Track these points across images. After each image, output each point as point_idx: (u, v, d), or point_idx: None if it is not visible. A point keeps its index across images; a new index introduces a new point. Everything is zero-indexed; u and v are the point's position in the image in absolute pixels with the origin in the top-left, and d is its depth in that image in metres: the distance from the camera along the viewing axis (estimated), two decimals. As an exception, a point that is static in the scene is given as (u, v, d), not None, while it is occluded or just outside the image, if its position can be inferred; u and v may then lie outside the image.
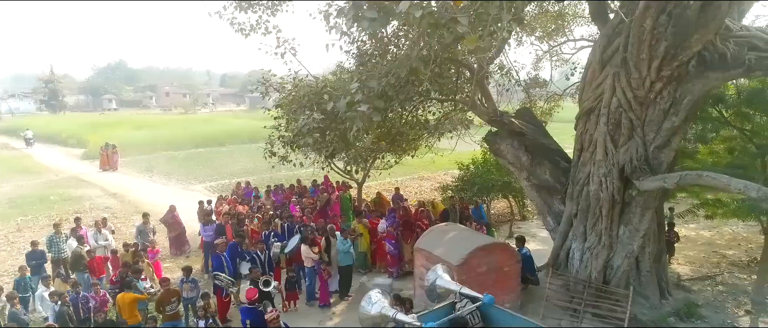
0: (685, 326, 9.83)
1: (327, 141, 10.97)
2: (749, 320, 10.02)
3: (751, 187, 7.32)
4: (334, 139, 11.05)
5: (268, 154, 13.88)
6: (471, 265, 9.84)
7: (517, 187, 17.00)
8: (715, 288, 11.42)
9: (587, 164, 10.15)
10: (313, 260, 12.36)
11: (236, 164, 32.79)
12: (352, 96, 7.02)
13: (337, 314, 11.99)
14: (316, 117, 10.17)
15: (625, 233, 10.11)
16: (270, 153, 13.87)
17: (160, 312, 10.09)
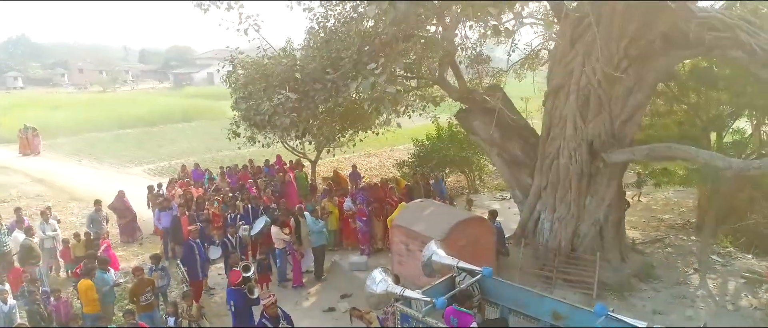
0: (646, 286, 10.66)
1: (301, 120, 10.75)
2: (698, 277, 11.02)
3: (717, 157, 8.02)
4: (306, 118, 10.85)
5: (232, 135, 13.39)
6: (452, 239, 10.09)
7: (474, 161, 17.54)
8: (665, 250, 12.44)
9: (557, 138, 10.62)
10: (284, 241, 12.22)
11: (173, 145, 31.36)
12: (376, 77, 6.88)
13: (313, 295, 11.96)
14: (292, 97, 9.93)
15: (591, 203, 10.74)
16: (234, 133, 13.39)
17: (135, 303, 9.63)
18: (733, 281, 10.86)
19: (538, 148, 11.31)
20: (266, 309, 7.91)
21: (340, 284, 12.20)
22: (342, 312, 11.11)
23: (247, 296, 9.04)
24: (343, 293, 11.75)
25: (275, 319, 7.96)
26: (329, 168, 24.09)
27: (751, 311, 9.85)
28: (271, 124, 10.47)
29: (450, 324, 6.67)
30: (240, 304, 9.06)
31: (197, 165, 19.35)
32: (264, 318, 7.90)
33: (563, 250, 10.91)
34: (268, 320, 7.89)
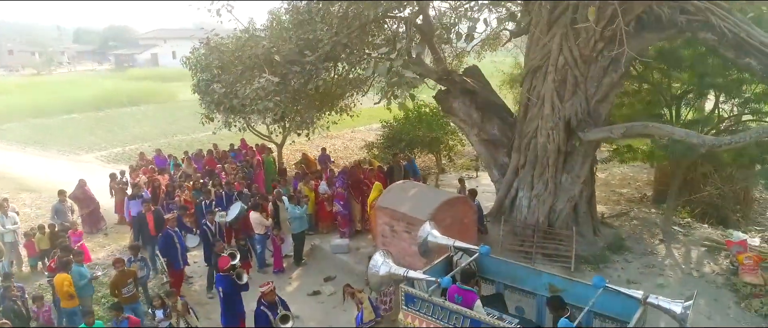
0: (618, 257, 11.23)
1: (282, 103, 10.57)
2: (664, 247, 11.70)
3: (692, 134, 8.50)
4: (288, 101, 10.67)
5: (206, 120, 12.99)
6: (438, 219, 10.21)
7: (444, 141, 17.78)
8: (631, 223, 13.11)
9: (535, 118, 10.93)
10: (264, 226, 12.08)
11: (124, 131, 30.07)
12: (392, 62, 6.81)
13: (295, 279, 11.91)
14: (274, 80, 9.74)
15: (567, 180, 11.16)
16: (207, 118, 13.00)
17: (116, 296, 9.32)
18: (695, 250, 11.59)
19: (516, 127, 11.60)
20: (265, 296, 7.84)
21: (322, 267, 12.20)
22: (327, 295, 11.15)
23: (235, 282, 8.92)
24: (326, 275, 11.79)
25: (273, 306, 7.91)
26: (293, 151, 23.87)
27: (714, 276, 10.57)
28: (252, 109, 10.23)
29: (454, 302, 6.83)
30: (228, 290, 8.93)
31: (159, 151, 18.67)
32: (263, 305, 7.84)
33: (541, 226, 11.32)
34: (266, 307, 7.83)
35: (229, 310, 9.03)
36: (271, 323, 7.81)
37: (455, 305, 6.60)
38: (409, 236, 10.62)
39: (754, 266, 10.36)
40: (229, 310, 9.03)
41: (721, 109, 11.98)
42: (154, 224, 11.22)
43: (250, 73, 10.72)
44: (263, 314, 7.79)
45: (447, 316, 6.61)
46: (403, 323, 7.08)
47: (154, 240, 11.16)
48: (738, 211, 14.51)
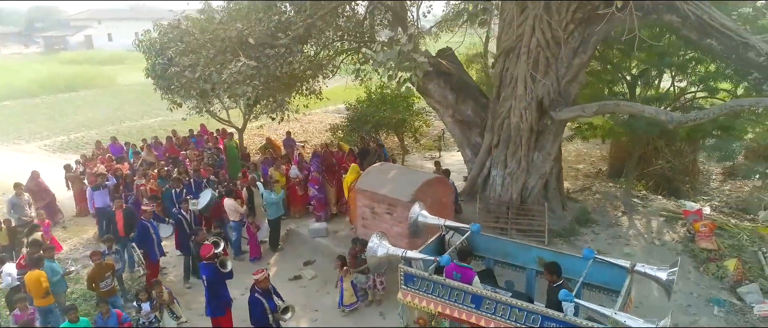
0: (586, 230, 11.81)
1: (258, 87, 10.34)
2: (627, 219, 12.40)
3: (660, 111, 9.01)
4: (265, 85, 10.46)
5: (174, 106, 12.54)
6: (418, 199, 10.40)
7: (411, 123, 17.93)
8: (594, 197, 13.78)
9: (509, 98, 11.22)
10: (239, 213, 11.89)
11: (66, 118, 28.47)
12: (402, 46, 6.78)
13: (273, 265, 11.82)
14: (251, 64, 9.54)
15: (538, 158, 11.58)
16: (175, 104, 12.54)
17: (94, 289, 8.99)
18: (655, 220, 12.34)
19: (489, 108, 11.88)
20: (259, 284, 7.77)
21: (300, 251, 12.16)
22: (309, 279, 11.16)
23: (219, 270, 8.77)
24: (305, 260, 11.77)
25: (268, 293, 7.86)
26: (252, 136, 23.43)
27: (674, 244, 11.33)
28: (231, 93, 9.95)
29: (453, 279, 7.03)
30: (212, 278, 8.77)
31: (114, 139, 17.84)
32: (257, 293, 7.77)
33: (514, 203, 11.72)
34: (261, 294, 7.77)
35: (214, 298, 8.87)
36: (266, 310, 7.77)
37: (456, 282, 6.80)
38: (391, 218, 10.77)
39: (709, 233, 11.17)
40: (214, 298, 8.87)
41: (676, 87, 12.70)
42: (124, 223, 10.76)
43: (222, 57, 10.41)
44: (258, 302, 7.74)
45: (448, 293, 6.80)
46: (403, 302, 7.23)
47: (123, 238, 10.75)
48: (687, 182, 15.53)
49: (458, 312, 6.75)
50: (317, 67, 13.31)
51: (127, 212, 10.90)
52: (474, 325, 6.70)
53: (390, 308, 9.87)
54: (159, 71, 16.83)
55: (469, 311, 6.66)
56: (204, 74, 10.20)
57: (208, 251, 8.87)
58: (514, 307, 6.31)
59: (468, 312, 6.68)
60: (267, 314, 7.76)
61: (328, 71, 12.97)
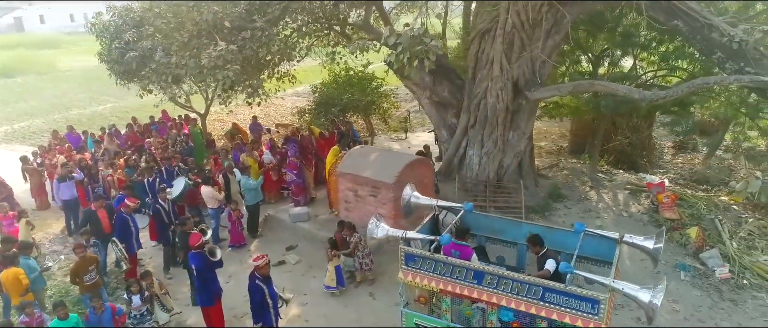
0: (559, 205, 12.32)
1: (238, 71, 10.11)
2: (595, 193, 13.00)
3: (634, 90, 9.48)
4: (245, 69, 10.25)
5: (145, 92, 12.07)
6: (402, 181, 10.53)
7: (380, 105, 17.99)
8: (562, 173, 14.35)
9: (485, 79, 11.47)
10: (218, 200, 11.70)
11: (7, 106, 26.81)
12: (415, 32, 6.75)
13: (255, 251, 11.70)
14: (233, 48, 9.33)
15: (514, 137, 11.95)
16: (146, 91, 12.08)
17: (78, 283, 8.69)
18: (620, 193, 13.02)
19: (465, 89, 12.10)
20: (259, 270, 7.73)
21: (280, 237, 12.11)
22: (293, 264, 11.15)
23: (208, 259, 8.65)
24: (288, 245, 11.73)
25: (268, 279, 7.84)
26: (212, 122, 22.85)
27: (640, 215, 12.02)
28: (211, 78, 9.67)
29: (451, 256, 7.23)
30: (201, 267, 8.65)
31: (71, 128, 17.00)
32: (257, 279, 7.74)
33: (491, 181, 12.07)
34: (261, 281, 7.74)
35: (204, 288, 8.76)
36: (267, 296, 7.75)
37: (457, 259, 7.01)
38: (375, 200, 10.88)
39: (671, 204, 11.91)
40: (204, 288, 8.76)
41: (638, 66, 13.34)
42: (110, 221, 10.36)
43: (197, 41, 10.10)
44: (259, 288, 7.71)
45: (450, 270, 6.99)
46: (404, 281, 7.38)
47: (108, 235, 10.37)
48: (644, 156, 16.39)
49: (460, 288, 6.96)
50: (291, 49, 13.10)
51: (109, 208, 10.49)
52: (476, 299, 6.96)
53: (379, 289, 10.06)
54: (116, 55, 16.17)
55: (471, 287, 6.88)
56: (179, 59, 9.87)
57: (197, 240, 8.73)
58: (516, 280, 6.57)
59: (470, 288, 6.90)
60: (268, 300, 7.75)
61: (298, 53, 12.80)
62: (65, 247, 12.09)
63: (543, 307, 6.48)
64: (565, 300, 6.32)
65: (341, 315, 9.43)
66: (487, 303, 6.87)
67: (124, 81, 17.50)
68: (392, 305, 9.64)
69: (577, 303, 6.26)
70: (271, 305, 7.82)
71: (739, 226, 11.73)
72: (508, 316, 6.86)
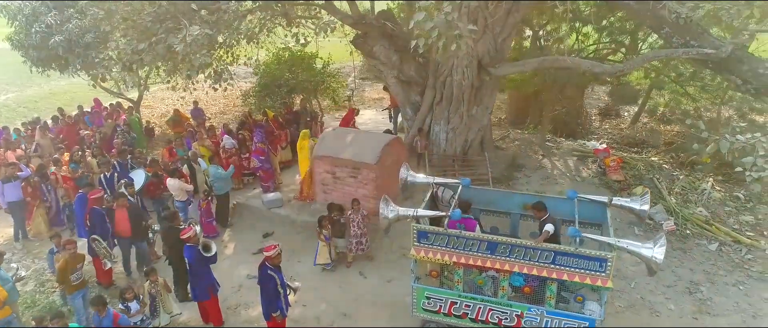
0: (519, 174, 13.09)
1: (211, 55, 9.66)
2: (548, 161, 13.94)
3: (595, 64, 10.27)
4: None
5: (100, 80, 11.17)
6: (383, 162, 10.79)
7: (330, 84, 17.84)
8: (514, 143, 15.18)
9: (451, 57, 11.82)
10: (186, 191, 11.26)
11: None
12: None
13: (230, 241, 11.46)
14: (208, 33, 8.92)
15: (477, 112, 12.49)
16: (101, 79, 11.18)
17: (64, 283, 8.15)
18: (570, 160, 14.05)
19: (430, 67, 12.40)
20: (271, 260, 7.64)
21: (254, 225, 11.90)
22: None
23: (201, 253, 8.41)
24: (264, 232, 11.57)
25: (279, 269, 7.77)
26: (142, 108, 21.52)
27: (591, 179, 13.08)
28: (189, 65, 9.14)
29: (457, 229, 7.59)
30: (194, 261, 8.40)
31: (-9, 122, 15.35)
32: (268, 269, 7.65)
33: (458, 155, 12.57)
34: (272, 270, 7.67)
35: (197, 282, 8.53)
36: (278, 286, 7.71)
37: (471, 232, 7.39)
38: (355, 180, 11.00)
39: (617, 167, 13.07)
40: (197, 282, 8.53)
41: (580, 40, 14.33)
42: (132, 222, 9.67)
43: (163, 25, 9.50)
44: (271, 277, 7.63)
45: (463, 243, 7.36)
46: (416, 257, 7.66)
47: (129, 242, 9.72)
48: (579, 124, 17.69)
49: (473, 259, 7.38)
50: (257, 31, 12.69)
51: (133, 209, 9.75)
52: (489, 268, 7.40)
53: (367, 268, 10.27)
54: (36, 40, 14.84)
55: (485, 257, 7.32)
56: (147, 45, 9.25)
57: (188, 232, 8.44)
58: (529, 247, 7.08)
59: (483, 258, 7.33)
60: (279, 289, 7.71)
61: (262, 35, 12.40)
62: (14, 254, 11.12)
63: (554, 269, 7.06)
64: (575, 261, 6.93)
65: (338, 295, 9.57)
66: (499, 271, 7.34)
67: (44, 68, 16.08)
68: (384, 283, 9.94)
69: (587, 263, 6.88)
70: (282, 293, 7.79)
71: (673, 183, 13.16)
72: (519, 281, 7.38)
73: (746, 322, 8.78)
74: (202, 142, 13.28)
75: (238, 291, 9.82)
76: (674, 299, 9.35)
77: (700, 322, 8.81)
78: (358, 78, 25.95)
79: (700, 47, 9.67)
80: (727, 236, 11.12)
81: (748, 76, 9.41)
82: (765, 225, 11.73)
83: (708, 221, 11.57)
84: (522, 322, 7.55)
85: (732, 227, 11.54)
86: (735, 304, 9.21)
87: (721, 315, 8.94)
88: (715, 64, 9.76)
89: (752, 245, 10.78)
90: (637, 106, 18.98)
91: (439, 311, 7.93)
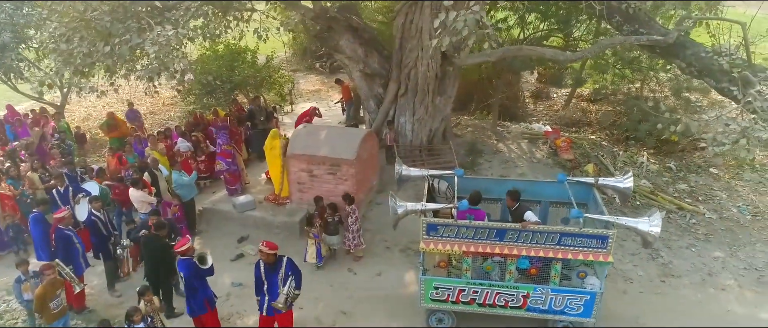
0: (481, 160, 13.58)
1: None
2: (503, 146, 14.57)
3: (558, 52, 10.88)
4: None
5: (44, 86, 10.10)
6: (360, 156, 10.78)
7: (277, 80, 17.34)
8: (467, 130, 15.68)
9: (415, 49, 11.97)
10: (149, 203, 10.55)
11: None
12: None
13: (203, 248, 10.89)
14: (183, 31, 8.41)
15: (441, 102, 12.78)
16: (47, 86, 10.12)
17: (44, 312, 7.44)
18: (523, 142, 14.78)
19: (393, 59, 12.47)
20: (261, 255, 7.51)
21: (226, 230, 11.44)
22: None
23: (197, 267, 8.03)
24: (238, 237, 11.17)
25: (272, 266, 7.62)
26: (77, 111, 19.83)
27: (545, 160, 13.86)
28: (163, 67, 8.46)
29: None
30: (189, 274, 7.99)
31: None
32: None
33: (424, 145, 12.82)
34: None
35: (193, 296, 8.12)
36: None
37: (481, 221, 7.66)
38: (334, 177, 10.91)
39: (567, 147, 13.95)
40: (193, 296, 8.12)
41: (525, 30, 15.04)
42: None
43: (122, 25, 8.75)
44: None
45: (473, 233, 7.61)
46: (425, 250, 7.81)
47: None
48: (518, 108, 18.60)
49: (482, 247, 7.66)
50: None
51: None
52: (497, 255, 7.73)
53: (357, 264, 10.28)
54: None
55: (493, 244, 7.62)
56: (113, 48, 8.50)
57: (184, 244, 8.01)
58: (536, 231, 7.47)
59: (492, 245, 7.63)
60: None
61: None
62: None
63: (559, 250, 7.51)
64: (579, 241, 7.42)
65: (332, 294, 9.52)
66: (506, 256, 7.68)
67: None
68: (374, 277, 10.01)
69: (590, 241, 7.40)
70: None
71: (615, 159, 14.31)
72: (525, 264, 7.77)
73: (705, 280, 9.86)
74: (155, 147, 12.49)
75: (228, 300, 9.48)
76: (641, 265, 10.26)
77: (668, 284, 9.77)
78: (288, 71, 25.44)
79: (649, 35, 10.54)
80: (672, 203, 12.33)
81: (691, 60, 10.42)
82: (698, 192, 13.15)
83: (653, 191, 12.74)
84: (528, 302, 7.97)
85: (672, 195, 12.81)
86: (692, 265, 10.29)
87: (683, 276, 9.96)
88: (662, 49, 10.70)
89: (694, 211, 12.05)
90: (565, 89, 20.36)
91: (447, 300, 8.15)
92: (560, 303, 7.89)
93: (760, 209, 12.37)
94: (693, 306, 9.14)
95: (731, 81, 9.69)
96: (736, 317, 8.89)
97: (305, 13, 11.55)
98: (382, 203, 11.88)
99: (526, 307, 8.00)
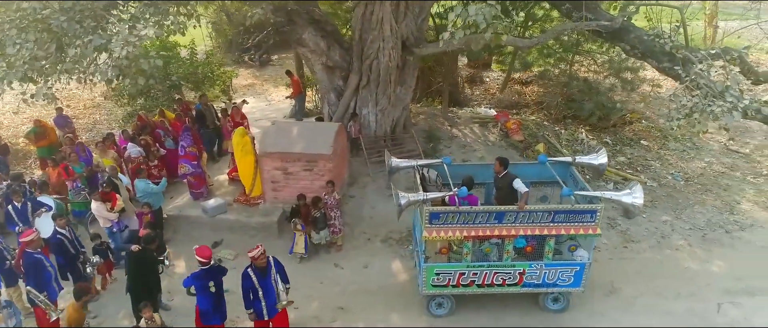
0: (441, 146, 13.94)
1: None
2: (457, 131, 15.04)
3: (518, 39, 11.39)
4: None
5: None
6: (336, 150, 10.71)
7: (221, 77, 16.60)
8: (419, 117, 15.97)
9: (376, 40, 12.01)
10: (110, 220, 9.88)
11: None
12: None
13: (177, 256, 10.39)
14: (154, 29, 7.89)
15: (402, 92, 12.95)
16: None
17: None
18: (475, 126, 15.33)
19: (353, 51, 12.42)
20: (255, 261, 7.38)
21: (195, 235, 10.92)
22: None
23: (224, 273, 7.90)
24: (211, 242, 10.70)
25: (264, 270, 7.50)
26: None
27: (498, 142, 14.51)
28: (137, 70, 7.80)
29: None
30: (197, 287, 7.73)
31: None
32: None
33: (388, 135, 12.95)
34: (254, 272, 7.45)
35: (219, 306, 7.91)
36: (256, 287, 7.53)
37: (480, 206, 7.96)
38: (311, 173, 10.79)
39: (517, 129, 14.69)
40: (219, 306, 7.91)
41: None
42: None
43: (82, 27, 8.01)
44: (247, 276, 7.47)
45: (473, 218, 7.89)
46: (428, 238, 8.00)
47: None
48: (460, 93, 19.21)
49: (483, 231, 7.98)
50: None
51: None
52: (496, 237, 8.08)
53: (341, 258, 10.28)
54: None
55: (493, 226, 7.96)
56: (76, 49, 7.76)
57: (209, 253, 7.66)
58: (532, 211, 7.89)
59: (492, 228, 7.97)
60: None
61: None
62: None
63: (553, 227, 8.00)
64: (571, 216, 7.94)
65: (323, 290, 9.49)
66: (505, 237, 8.06)
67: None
68: (362, 269, 10.08)
69: (580, 217, 7.95)
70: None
71: (559, 137, 15.27)
72: (521, 243, 8.20)
73: (660, 242, 10.89)
74: (105, 154, 11.63)
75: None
76: (604, 235, 11.08)
77: (630, 249, 10.68)
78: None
79: (597, 20, 11.33)
80: (617, 175, 13.40)
81: (635, 43, 11.34)
82: (635, 163, 14.38)
83: (599, 165, 13.75)
84: (523, 278, 8.42)
85: (615, 167, 13.91)
86: (646, 230, 11.30)
87: (641, 241, 10.92)
88: (609, 33, 11.54)
89: (637, 181, 13.16)
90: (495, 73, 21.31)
91: (448, 284, 8.41)
92: (553, 276, 8.42)
93: (689, 174, 13.78)
94: (656, 267, 10.08)
95: (672, 60, 10.68)
96: (693, 273, 9.93)
97: (265, 7, 11.19)
98: (355, 196, 11.92)
99: (522, 283, 8.45)
